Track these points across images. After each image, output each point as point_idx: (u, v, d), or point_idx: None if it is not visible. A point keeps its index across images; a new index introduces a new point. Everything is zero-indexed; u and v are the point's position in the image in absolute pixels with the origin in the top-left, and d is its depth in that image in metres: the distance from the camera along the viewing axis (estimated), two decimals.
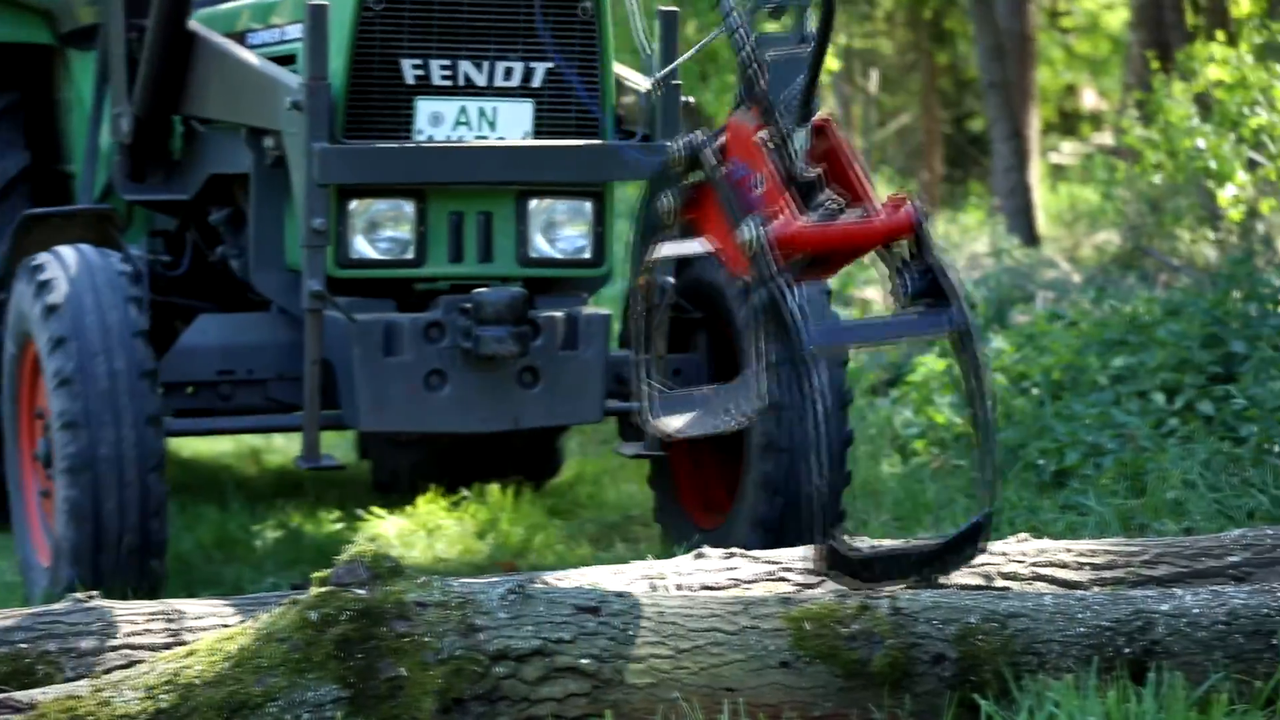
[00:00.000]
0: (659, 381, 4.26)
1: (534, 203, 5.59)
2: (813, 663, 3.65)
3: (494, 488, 7.37)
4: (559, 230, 5.66)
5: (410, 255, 5.55)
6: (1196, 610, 3.87)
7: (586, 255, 5.69)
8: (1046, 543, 4.30)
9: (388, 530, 7.05)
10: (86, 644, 3.81)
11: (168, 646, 3.83)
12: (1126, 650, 3.79)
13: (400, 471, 7.69)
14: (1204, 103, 9.10)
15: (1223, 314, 6.86)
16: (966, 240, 15.07)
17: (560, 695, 3.54)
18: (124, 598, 5.35)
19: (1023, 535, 4.21)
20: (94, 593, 3.93)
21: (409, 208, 5.49)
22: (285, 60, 5.64)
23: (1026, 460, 6.56)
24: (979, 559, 4.04)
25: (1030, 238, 14.97)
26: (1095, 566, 4.20)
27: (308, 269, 5.38)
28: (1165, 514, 5.67)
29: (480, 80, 5.49)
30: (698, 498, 6.18)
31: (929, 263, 3.82)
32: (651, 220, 4.09)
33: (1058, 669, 3.74)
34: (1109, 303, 8.74)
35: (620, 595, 3.76)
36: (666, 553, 5.80)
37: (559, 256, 5.63)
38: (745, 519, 5.76)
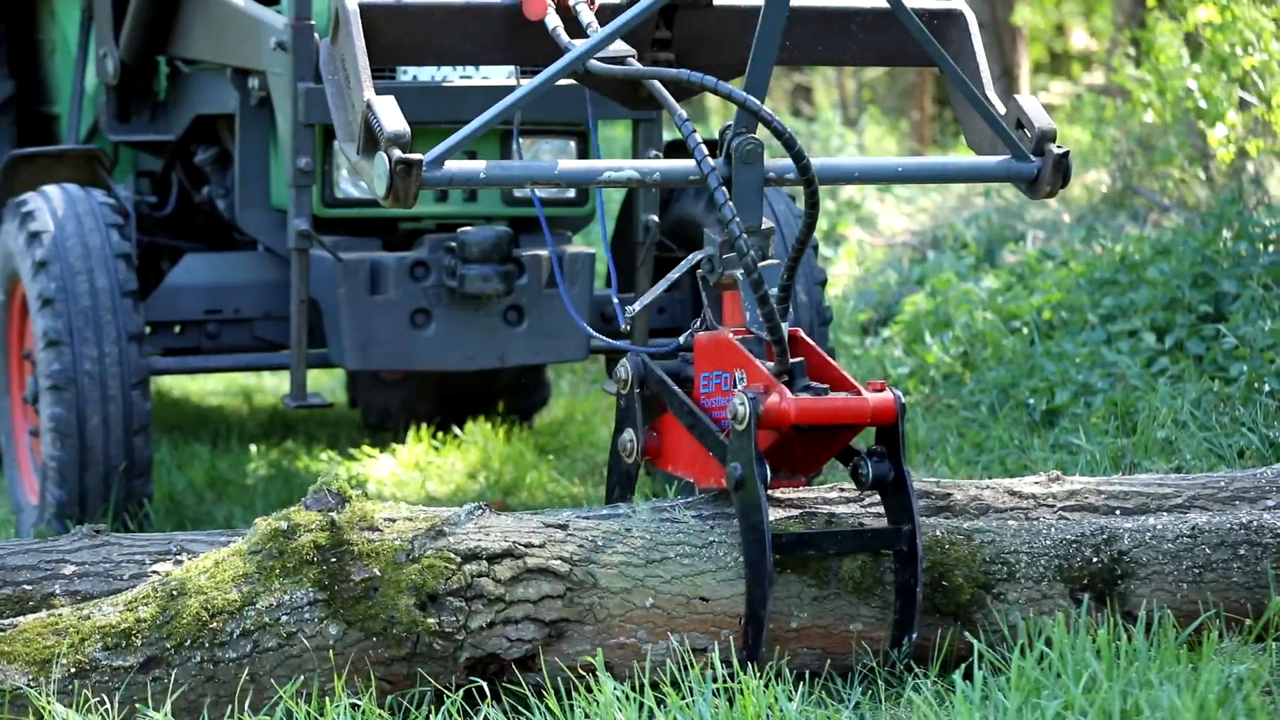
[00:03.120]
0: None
1: (519, 142, 5.57)
2: (784, 573, 3.73)
3: (485, 426, 7.36)
4: None
5: None
6: (1160, 526, 3.96)
7: (570, 194, 5.69)
8: (1077, 481, 4.28)
9: (379, 469, 7.05)
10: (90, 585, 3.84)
11: None
12: (1094, 560, 3.87)
13: (390, 410, 7.70)
14: (1194, 42, 9.06)
15: (1213, 253, 6.85)
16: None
17: (535, 597, 3.62)
18: (108, 515, 5.39)
19: (1054, 473, 4.21)
20: (101, 527, 3.94)
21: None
22: (270, 2, 5.61)
23: (1017, 399, 6.56)
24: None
25: None
26: (1126, 511, 4.20)
27: (294, 208, 5.39)
28: (1155, 453, 5.69)
29: None
30: None
31: (899, 459, 3.81)
32: (617, 461, 4.11)
33: (1028, 578, 3.82)
34: (1099, 242, 8.73)
35: (587, 515, 3.85)
36: (658, 492, 5.81)
37: (543, 195, 5.63)
38: None
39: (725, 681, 3.51)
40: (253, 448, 7.47)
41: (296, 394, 5.56)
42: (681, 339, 4.14)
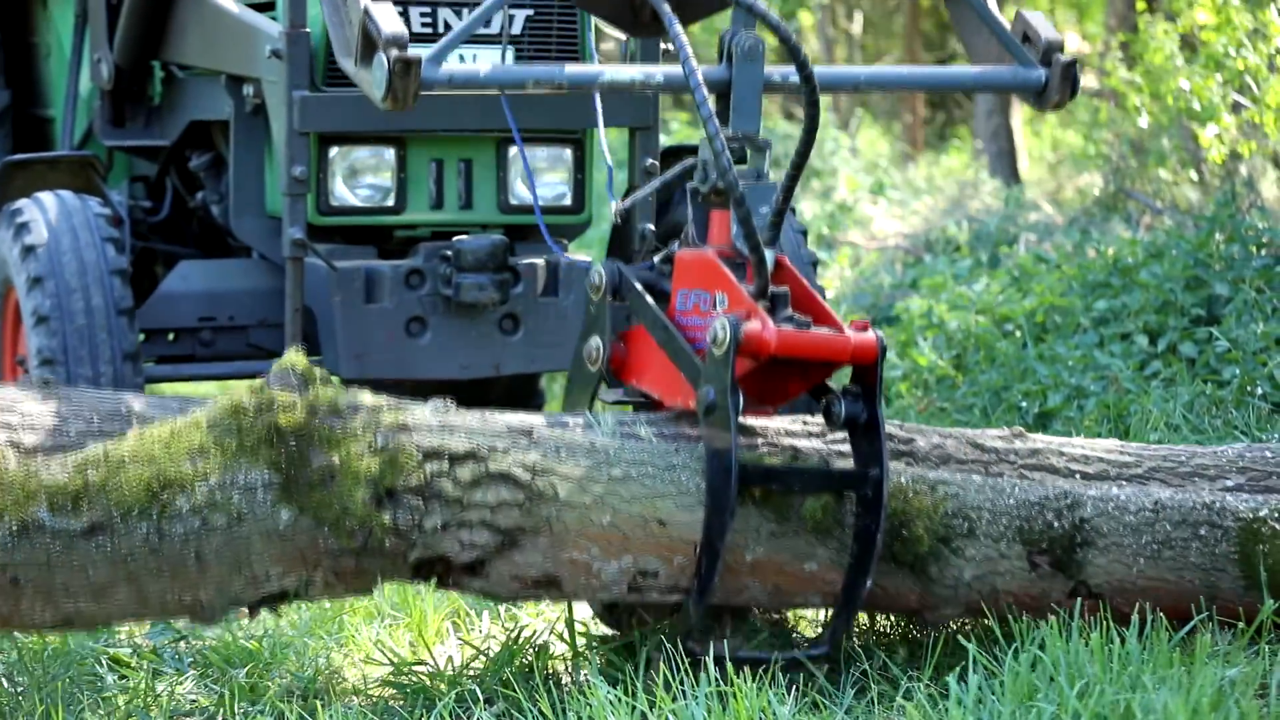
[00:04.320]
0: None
1: (514, 150, 5.58)
2: (744, 505, 3.65)
3: None
4: (539, 177, 5.65)
5: (391, 202, 5.54)
6: (1123, 498, 3.93)
7: (566, 202, 5.69)
8: (1039, 440, 4.21)
9: None
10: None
11: None
12: (1055, 525, 3.85)
13: None
14: (1189, 43, 9.07)
15: (1205, 256, 6.85)
16: (947, 182, 15.05)
17: (493, 502, 3.54)
18: None
19: (1017, 429, 4.17)
20: (50, 379, 3.80)
21: (389, 155, 5.48)
22: (265, 7, 5.62)
23: (1009, 402, 6.57)
24: None
25: (1012, 180, 14.96)
26: (1086, 476, 4.17)
27: (288, 216, 5.37)
28: None
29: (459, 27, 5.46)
30: None
31: (874, 401, 3.73)
32: (580, 368, 3.97)
33: (989, 536, 3.79)
34: (1092, 245, 8.73)
35: (554, 423, 3.74)
36: None
37: (541, 204, 5.62)
38: None
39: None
40: None
41: None
42: (660, 257, 4.04)
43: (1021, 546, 3.83)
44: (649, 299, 3.86)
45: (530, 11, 5.50)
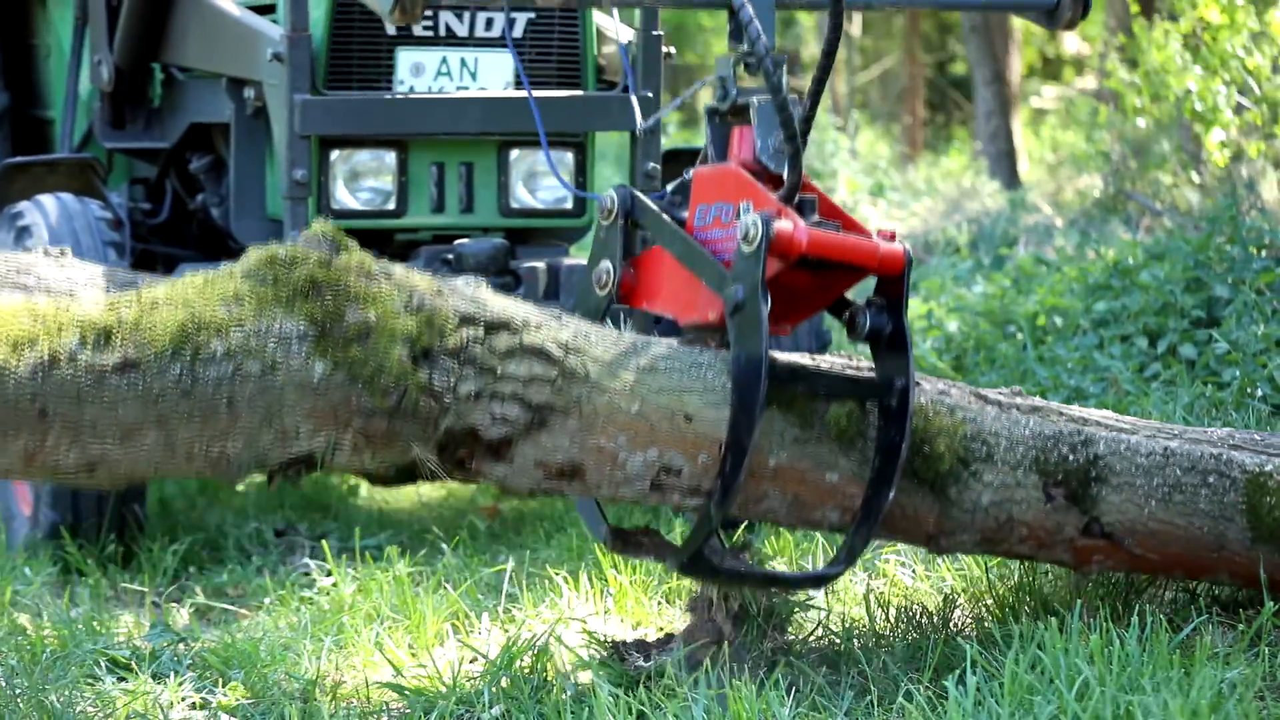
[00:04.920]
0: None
1: (515, 153, 5.59)
2: (768, 408, 3.60)
3: None
4: (540, 181, 5.66)
5: (392, 206, 5.58)
6: (1134, 441, 3.95)
7: (567, 205, 5.70)
8: (1039, 401, 4.16)
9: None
10: None
11: None
12: (1070, 458, 3.86)
13: None
14: (1190, 44, 9.07)
15: (1206, 258, 6.85)
16: (947, 184, 15.05)
17: (525, 376, 3.48)
18: (103, 543, 5.39)
19: (1016, 388, 4.16)
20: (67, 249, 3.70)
21: (390, 158, 5.49)
22: (266, 10, 5.62)
23: None
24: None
25: (1012, 182, 14.97)
26: None
27: (289, 220, 5.40)
28: None
29: (461, 31, 5.50)
30: None
31: (900, 312, 3.70)
32: (587, 293, 3.88)
33: (1006, 463, 3.80)
34: (1092, 247, 8.73)
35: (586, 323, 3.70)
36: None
37: (540, 207, 5.64)
38: None
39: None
40: None
41: None
42: (673, 186, 3.99)
43: (1037, 476, 3.83)
44: (665, 216, 3.79)
45: (532, 15, 5.52)
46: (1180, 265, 6.85)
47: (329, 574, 5.10)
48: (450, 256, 5.47)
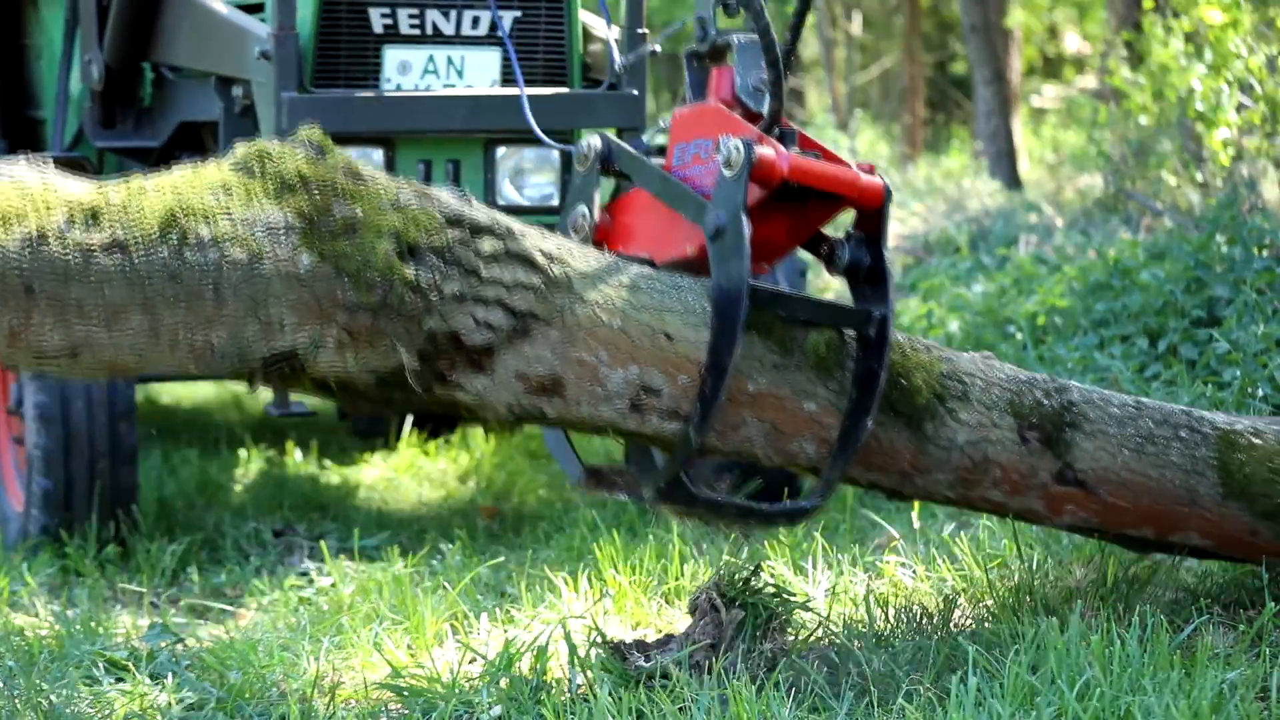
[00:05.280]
0: None
1: (502, 151, 5.62)
2: (748, 333, 3.61)
3: (476, 432, 7.36)
4: (527, 178, 5.69)
5: None
6: (1107, 393, 4.01)
7: (554, 203, 5.73)
8: (1009, 367, 4.19)
9: (370, 474, 7.04)
10: None
11: None
12: (1045, 403, 3.90)
13: (373, 414, 7.75)
14: (1193, 43, 9.06)
15: (1206, 258, 6.84)
16: (947, 184, 15.04)
17: (510, 281, 3.48)
18: (100, 544, 5.39)
19: (986, 353, 4.18)
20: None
21: (377, 156, 5.52)
22: (254, 9, 5.64)
23: None
24: None
25: (1012, 181, 14.96)
26: None
27: None
28: None
29: (448, 29, 5.54)
30: None
31: (879, 245, 3.72)
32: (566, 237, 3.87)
33: (981, 403, 3.83)
34: (1092, 246, 8.72)
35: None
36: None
37: (526, 204, 5.67)
38: (710, 464, 5.80)
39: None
40: (242, 453, 7.45)
41: (279, 401, 5.59)
42: (647, 136, 4.01)
43: (1013, 419, 3.86)
44: (642, 156, 3.80)
45: (518, 13, 5.56)
46: (1181, 265, 6.84)
47: (327, 574, 5.09)
48: None
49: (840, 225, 3.86)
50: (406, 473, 7.05)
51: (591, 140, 3.85)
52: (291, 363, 3.36)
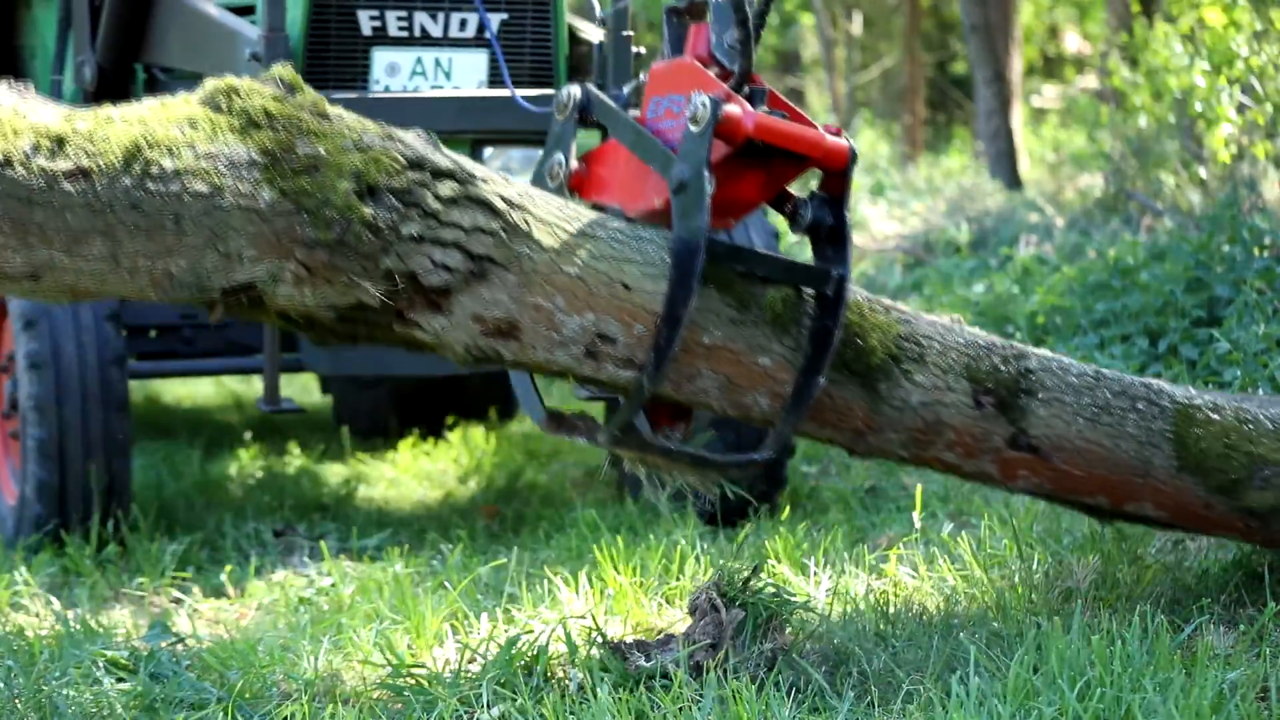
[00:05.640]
0: None
1: (489, 151, 5.66)
2: (707, 286, 3.67)
3: (477, 432, 7.36)
4: (514, 178, 5.74)
5: None
6: (1067, 361, 4.03)
7: None
8: (980, 333, 4.24)
9: (370, 474, 7.04)
10: None
11: None
12: (1002, 369, 3.94)
13: (360, 410, 7.91)
14: (1191, 43, 9.06)
15: (1206, 257, 6.84)
16: (947, 183, 15.05)
17: (469, 225, 3.53)
18: (95, 543, 5.41)
19: (956, 316, 4.21)
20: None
21: None
22: (245, 11, 5.67)
23: None
24: None
25: (1013, 181, 14.96)
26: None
27: None
28: None
29: (436, 31, 5.61)
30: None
31: (841, 206, 3.78)
32: (540, 186, 3.91)
33: (938, 366, 3.88)
34: (1093, 246, 8.72)
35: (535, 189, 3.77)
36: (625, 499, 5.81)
37: None
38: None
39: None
40: (242, 453, 7.45)
41: (270, 398, 5.63)
42: (629, 87, 4.07)
43: (968, 383, 3.90)
44: (618, 108, 3.87)
45: (505, 15, 5.63)
46: (1181, 265, 6.84)
47: (328, 574, 5.09)
48: None
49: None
50: (407, 473, 7.05)
51: (571, 90, 3.91)
52: (250, 294, 3.43)
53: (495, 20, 5.63)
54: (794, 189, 3.89)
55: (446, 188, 3.53)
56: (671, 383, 3.69)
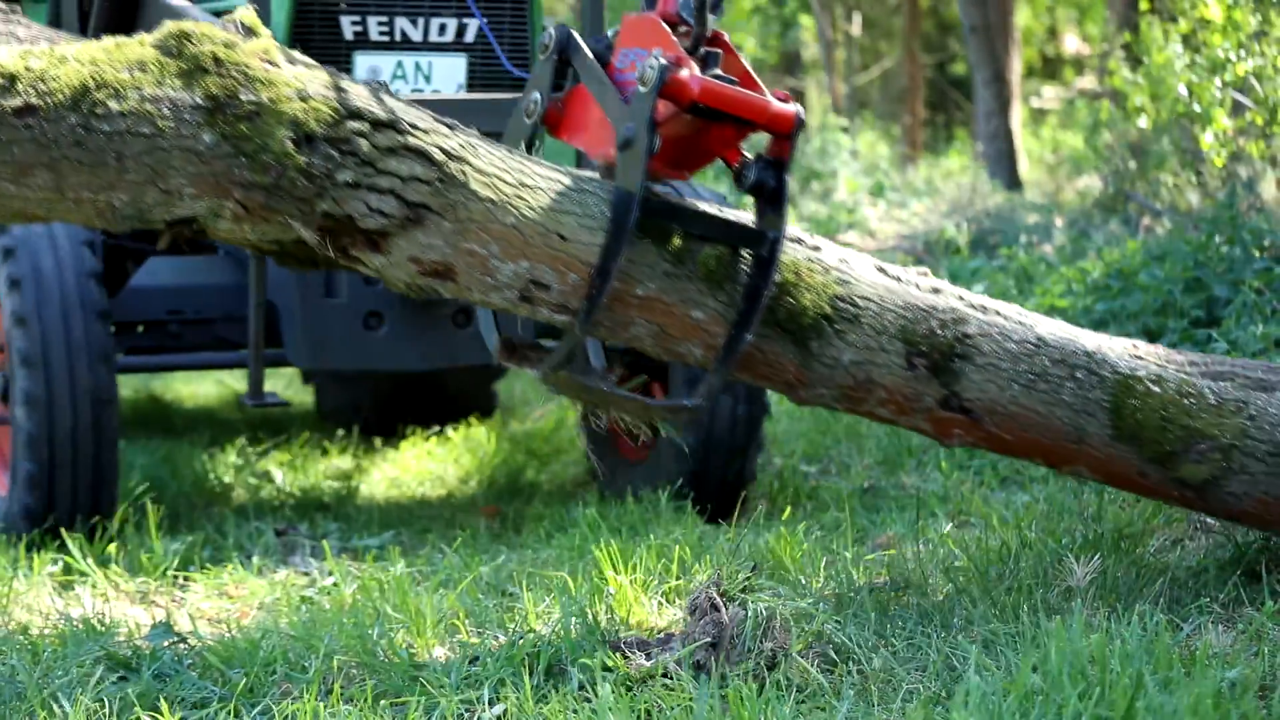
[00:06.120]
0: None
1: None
2: (644, 239, 3.83)
3: (478, 432, 7.37)
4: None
5: None
6: (1009, 327, 4.10)
7: None
8: (944, 285, 4.32)
9: (372, 474, 7.05)
10: None
11: None
12: (939, 333, 4.02)
13: (342, 405, 8.11)
14: (1191, 44, 9.07)
15: (1205, 258, 6.85)
16: (947, 184, 15.05)
17: (404, 174, 3.68)
18: (78, 526, 5.50)
19: (923, 269, 4.27)
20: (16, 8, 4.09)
21: None
22: (226, 13, 5.74)
23: None
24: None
25: (1012, 182, 14.97)
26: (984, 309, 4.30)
27: None
28: None
29: (416, 35, 5.70)
30: (626, 439, 6.41)
31: (783, 170, 3.90)
32: (518, 121, 4.09)
33: (872, 328, 3.99)
34: (1092, 247, 8.73)
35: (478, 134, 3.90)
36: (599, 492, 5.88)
37: None
38: (667, 451, 6.04)
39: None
40: (245, 453, 7.46)
41: (254, 392, 5.77)
42: (613, 31, 4.19)
43: (902, 344, 4.01)
44: (591, 57, 3.99)
45: (484, 19, 5.73)
46: (1180, 265, 6.85)
47: (330, 573, 5.10)
48: None
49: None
50: (408, 472, 7.06)
51: (552, 31, 4.04)
52: (193, 227, 3.66)
53: (473, 24, 5.77)
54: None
55: (385, 138, 3.68)
56: (606, 329, 3.87)
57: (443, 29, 5.76)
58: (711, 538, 5.11)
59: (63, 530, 5.56)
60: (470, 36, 5.76)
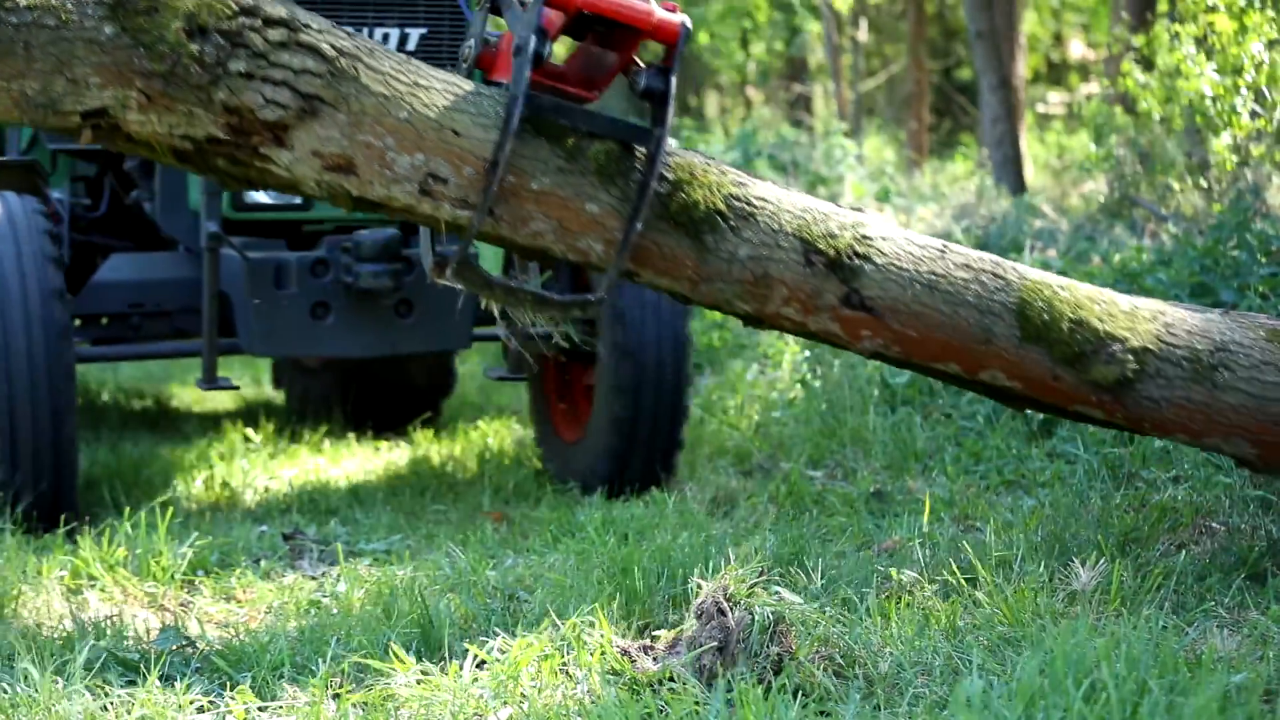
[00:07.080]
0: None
1: None
2: (538, 136, 4.05)
3: (486, 436, 7.37)
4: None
5: (299, 200, 6.30)
6: (914, 236, 4.30)
7: None
8: (869, 217, 4.47)
9: (380, 478, 7.06)
10: None
11: None
12: (839, 234, 4.21)
13: (310, 396, 8.59)
14: (1203, 48, 9.07)
15: (1211, 263, 6.86)
16: (953, 189, 15.05)
17: (297, 67, 3.90)
18: (39, 494, 5.65)
19: (858, 205, 4.41)
20: None
21: None
22: None
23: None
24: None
25: (1018, 187, 14.98)
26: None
27: (206, 213, 6.02)
28: (1153, 463, 5.70)
29: (391, 46, 5.87)
30: (564, 420, 6.93)
31: (669, 75, 4.15)
32: (456, 66, 4.28)
33: (769, 226, 4.17)
34: (1098, 252, 8.73)
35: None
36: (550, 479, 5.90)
37: None
38: (598, 429, 6.48)
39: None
40: (252, 458, 7.48)
41: (208, 377, 6.13)
42: None
43: (799, 241, 4.19)
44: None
45: (424, 30, 6.09)
46: (1186, 270, 6.85)
47: (338, 577, 5.11)
48: (349, 244, 6.20)
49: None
50: (416, 477, 7.07)
51: None
52: (107, 120, 3.85)
53: (415, 34, 6.08)
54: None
55: (276, 33, 3.90)
56: (508, 224, 4.05)
57: (385, 39, 6.05)
58: (718, 542, 5.12)
59: (63, 530, 5.63)
60: (412, 45, 6.05)
